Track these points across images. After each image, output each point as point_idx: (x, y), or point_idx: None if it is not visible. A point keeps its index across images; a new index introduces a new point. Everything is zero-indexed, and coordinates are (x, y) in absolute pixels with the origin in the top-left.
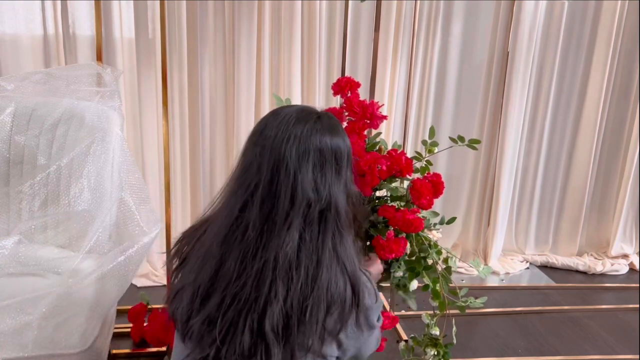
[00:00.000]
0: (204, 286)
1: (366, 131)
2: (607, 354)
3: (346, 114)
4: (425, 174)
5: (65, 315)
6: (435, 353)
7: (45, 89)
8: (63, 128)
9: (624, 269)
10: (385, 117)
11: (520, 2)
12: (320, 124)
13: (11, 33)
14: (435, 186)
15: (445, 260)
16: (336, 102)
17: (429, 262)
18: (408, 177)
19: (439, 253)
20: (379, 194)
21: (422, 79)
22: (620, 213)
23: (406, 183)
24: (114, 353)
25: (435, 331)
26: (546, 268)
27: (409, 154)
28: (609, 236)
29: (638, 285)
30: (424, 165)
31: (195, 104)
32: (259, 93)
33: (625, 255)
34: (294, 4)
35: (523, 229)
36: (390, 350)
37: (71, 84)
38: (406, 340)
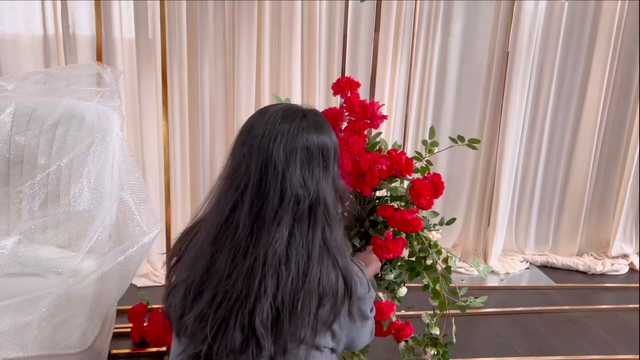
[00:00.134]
0: (196, 284)
1: (366, 131)
2: (607, 354)
3: (346, 113)
4: (425, 174)
5: (65, 315)
6: (435, 353)
7: (45, 89)
8: (63, 128)
9: (624, 269)
10: (385, 117)
11: (520, 2)
12: (306, 121)
13: (11, 33)
14: (435, 186)
15: (445, 260)
16: (336, 102)
17: (429, 262)
18: (408, 177)
19: (439, 253)
20: (379, 194)
21: (422, 79)
22: (620, 213)
23: (406, 183)
24: (114, 353)
25: (435, 331)
26: (546, 268)
27: (409, 154)
28: (609, 236)
29: (638, 285)
30: (424, 165)
31: (195, 104)
32: (259, 93)
33: (625, 255)
34: (294, 4)
35: (523, 229)
36: (390, 350)
37: (71, 84)
38: (406, 340)
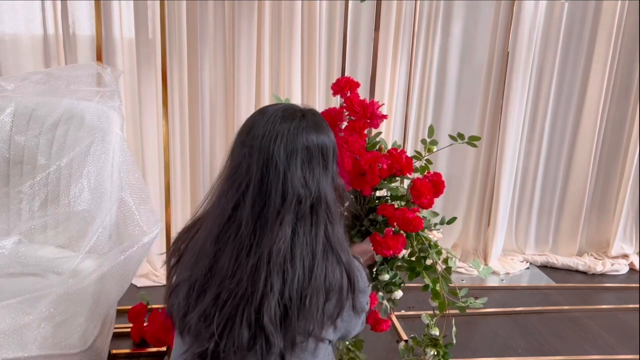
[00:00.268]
0: (199, 282)
1: (366, 131)
2: (607, 354)
3: (346, 113)
4: (424, 173)
5: (65, 315)
6: (435, 353)
7: (45, 89)
8: (63, 128)
9: (624, 269)
10: (385, 117)
11: (520, 2)
12: (306, 121)
13: (11, 33)
14: (435, 185)
15: (445, 260)
16: (336, 102)
17: (428, 263)
18: (408, 176)
19: (439, 253)
20: (379, 193)
21: (422, 79)
22: (620, 213)
23: (406, 183)
24: (114, 353)
25: (435, 331)
26: (546, 268)
27: (409, 154)
28: (609, 236)
29: (638, 285)
30: (424, 164)
31: (195, 104)
32: (259, 93)
33: (625, 255)
34: (294, 4)
35: (523, 229)
36: (390, 350)
37: (71, 84)
38: (406, 341)
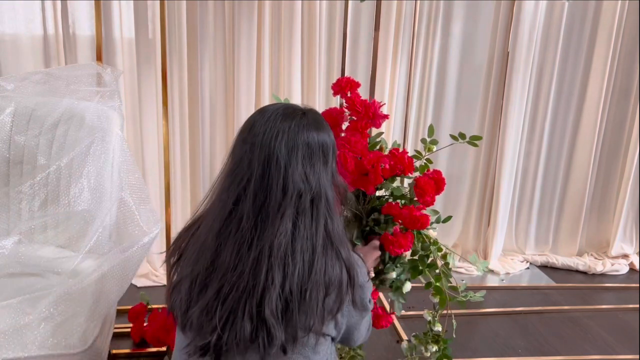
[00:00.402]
0: (201, 277)
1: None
2: (607, 354)
3: (348, 113)
4: (424, 172)
5: (65, 315)
6: (437, 349)
7: (45, 89)
8: (63, 128)
9: (624, 269)
10: (386, 116)
11: (520, 2)
12: (306, 119)
13: (11, 33)
14: (437, 183)
15: (444, 256)
16: (336, 102)
17: (429, 260)
18: (410, 176)
19: (440, 250)
20: (378, 193)
21: (422, 79)
22: (620, 213)
23: (406, 182)
24: (114, 353)
25: (438, 328)
26: (546, 268)
27: (409, 154)
28: (609, 236)
29: (638, 285)
30: (424, 163)
31: (195, 104)
32: (259, 93)
33: (625, 256)
34: (294, 4)
35: (523, 229)
36: (390, 350)
37: (71, 84)
38: (409, 340)
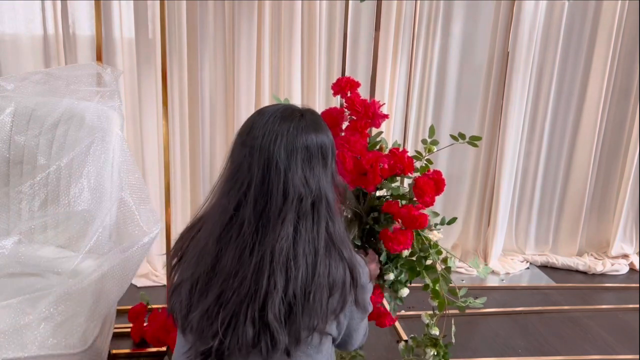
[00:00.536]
0: (202, 281)
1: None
2: (607, 354)
3: (348, 113)
4: (424, 173)
5: (65, 315)
6: (435, 353)
7: (45, 89)
8: (63, 128)
9: (624, 269)
10: (386, 116)
11: (520, 2)
12: (305, 121)
13: (11, 33)
14: (436, 183)
15: (445, 260)
16: (336, 102)
17: (428, 262)
18: (409, 176)
19: (439, 253)
20: (378, 193)
21: (422, 79)
22: (620, 213)
23: (406, 182)
24: (114, 353)
25: (435, 331)
26: (546, 268)
27: (409, 154)
28: (609, 236)
29: (638, 285)
30: (424, 164)
31: (195, 104)
32: (259, 93)
33: (625, 255)
34: (294, 4)
35: (523, 229)
36: (390, 350)
37: (71, 84)
38: (406, 341)
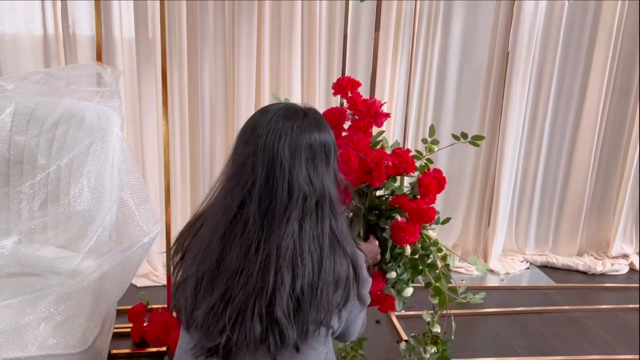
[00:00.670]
0: (206, 278)
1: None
2: (607, 354)
3: (350, 112)
4: (424, 171)
5: (65, 315)
6: (436, 350)
7: (45, 89)
8: (63, 128)
9: (624, 269)
10: (388, 115)
11: (520, 2)
12: (308, 120)
13: (11, 33)
14: (439, 182)
15: (444, 257)
16: (336, 102)
17: (429, 260)
18: (412, 175)
19: (440, 251)
20: (379, 193)
21: (422, 79)
22: (620, 213)
23: (406, 182)
24: (114, 353)
25: (437, 329)
26: (546, 268)
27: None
28: (609, 236)
29: (638, 285)
30: (424, 163)
31: (195, 103)
32: (259, 93)
33: (625, 256)
34: (294, 4)
35: (523, 229)
36: (390, 350)
37: (71, 84)
38: (407, 341)
